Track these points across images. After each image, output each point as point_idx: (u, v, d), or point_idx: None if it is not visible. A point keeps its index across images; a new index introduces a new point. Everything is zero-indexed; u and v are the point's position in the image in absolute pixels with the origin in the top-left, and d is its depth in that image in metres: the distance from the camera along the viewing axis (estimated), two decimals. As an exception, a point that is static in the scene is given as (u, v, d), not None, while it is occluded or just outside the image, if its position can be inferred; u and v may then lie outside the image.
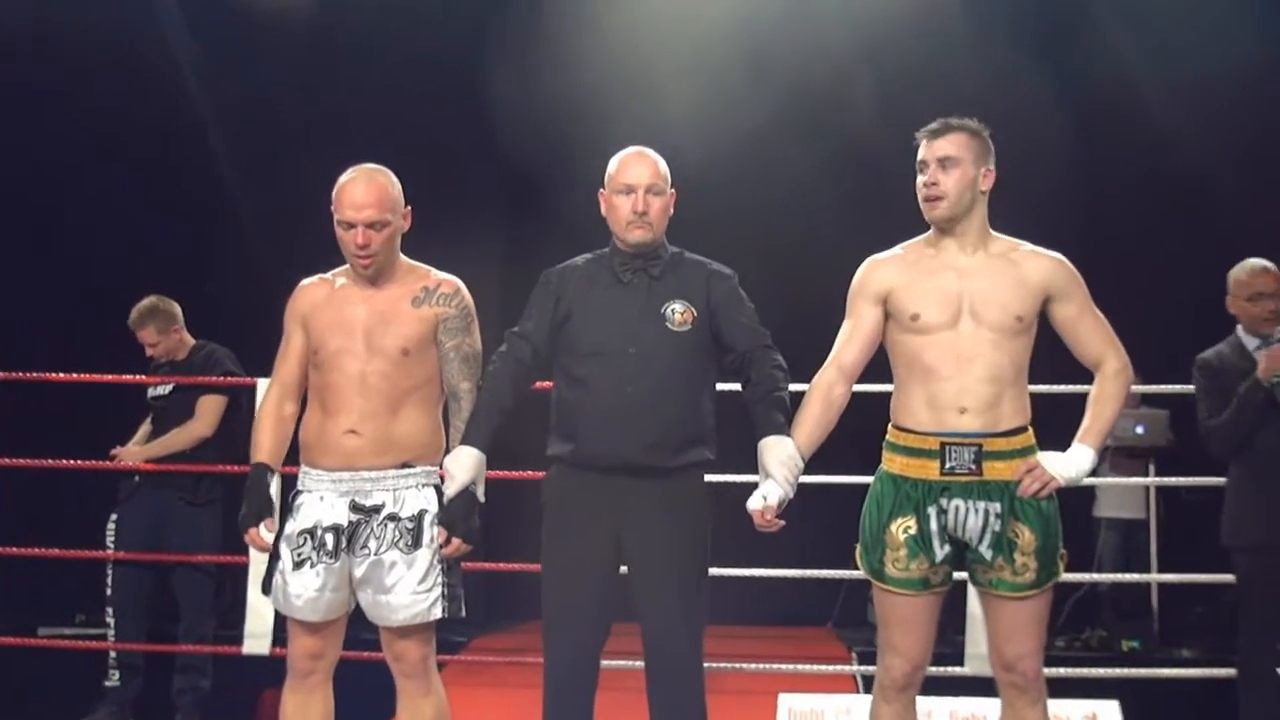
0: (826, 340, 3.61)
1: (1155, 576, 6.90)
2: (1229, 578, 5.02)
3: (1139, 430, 7.21)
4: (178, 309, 5.75)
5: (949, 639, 5.50)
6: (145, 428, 5.83)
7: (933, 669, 3.60)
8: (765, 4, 7.77)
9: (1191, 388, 5.22)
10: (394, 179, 3.65)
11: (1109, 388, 3.49)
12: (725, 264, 3.77)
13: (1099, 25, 7.71)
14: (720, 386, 3.72)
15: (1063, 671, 5.28)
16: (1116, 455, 7.30)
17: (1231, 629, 4.98)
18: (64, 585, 6.60)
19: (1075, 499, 6.92)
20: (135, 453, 5.67)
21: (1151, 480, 7.04)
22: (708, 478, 3.70)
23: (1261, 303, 4.78)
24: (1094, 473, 7.23)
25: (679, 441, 3.57)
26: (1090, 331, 3.50)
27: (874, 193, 7.40)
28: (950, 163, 3.44)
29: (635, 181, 3.63)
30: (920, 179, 3.48)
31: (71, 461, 5.80)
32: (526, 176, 8.18)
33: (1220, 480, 5.06)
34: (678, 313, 3.61)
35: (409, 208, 3.67)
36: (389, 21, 7.75)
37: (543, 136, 7.74)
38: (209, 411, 5.66)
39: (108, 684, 5.59)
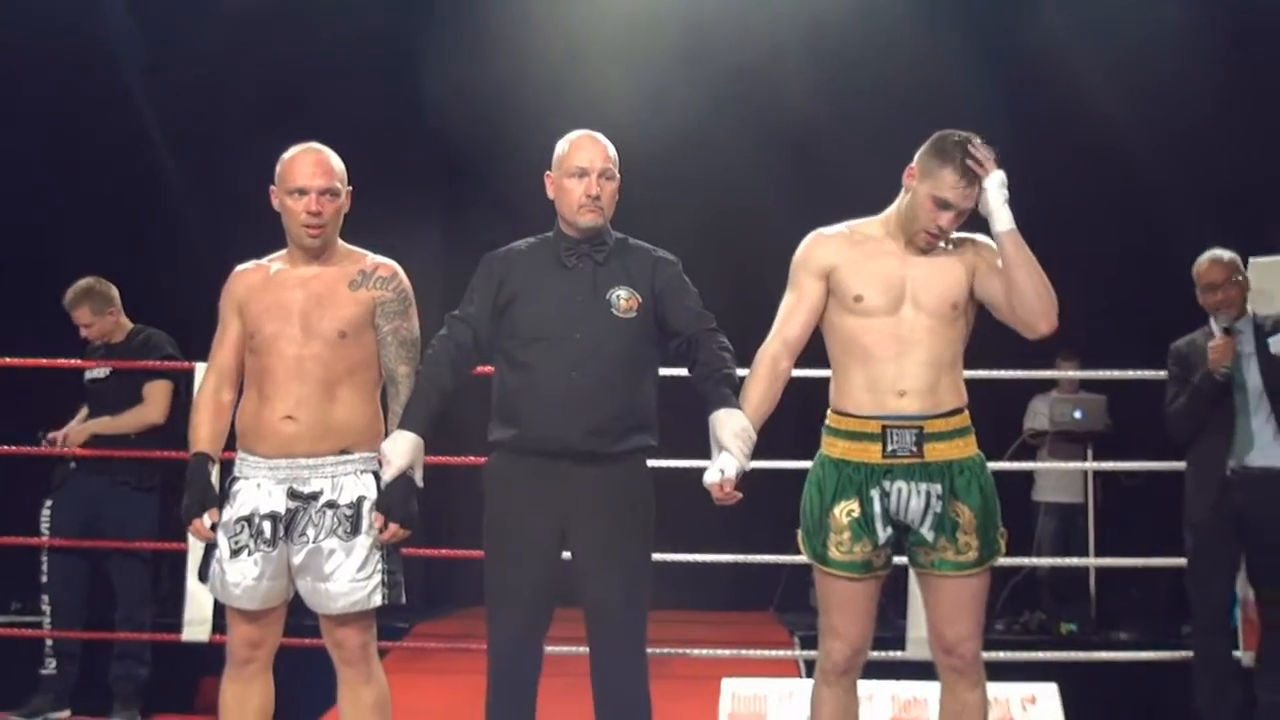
0: (767, 320, 3.60)
1: (1093, 561, 6.97)
2: (1166, 561, 5.09)
3: (1077, 415, 7.27)
4: (115, 291, 5.69)
5: (890, 623, 5.54)
6: (82, 413, 5.76)
7: (874, 653, 3.61)
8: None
9: (1130, 374, 5.30)
10: (338, 156, 3.63)
11: None
12: (665, 247, 3.76)
13: (1037, 6, 7.75)
14: (662, 372, 3.71)
15: (1001, 655, 5.33)
16: (1055, 440, 7.37)
17: (1169, 612, 5.04)
18: (-2, 573, 6.52)
19: (1014, 483, 7.02)
20: (80, 430, 5.59)
21: (1089, 465, 7.11)
22: (650, 463, 3.69)
23: (1209, 294, 4.85)
24: (1033, 458, 7.38)
25: (623, 428, 3.55)
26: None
27: (813, 172, 7.44)
28: (964, 214, 3.41)
29: (588, 165, 3.59)
30: (931, 212, 3.38)
31: (4, 447, 5.73)
32: (464, 160, 8.15)
33: (1156, 465, 5.13)
34: (623, 299, 3.59)
35: (350, 188, 3.65)
36: (326, 2, 7.69)
37: (480, 119, 7.71)
38: (160, 397, 5.62)
39: (44, 672, 5.54)
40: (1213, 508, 4.79)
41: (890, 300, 3.43)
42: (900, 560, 3.54)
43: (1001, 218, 3.35)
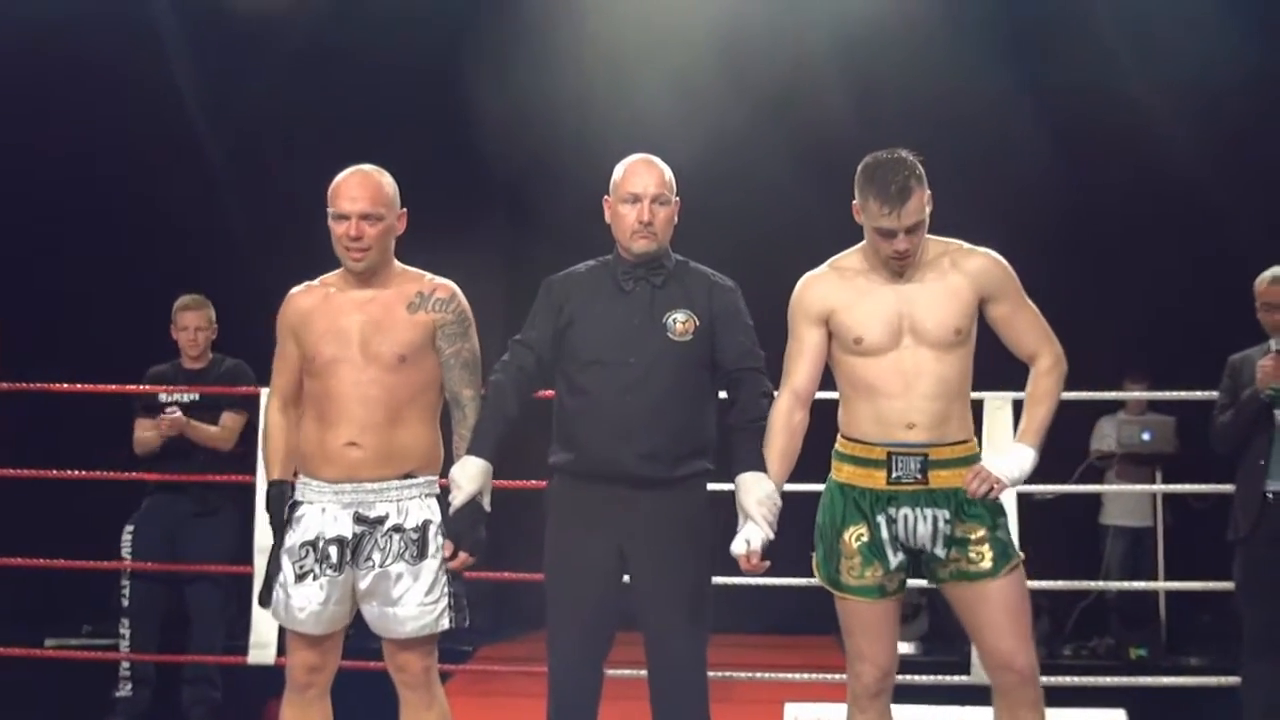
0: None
1: (1162, 585, 6.88)
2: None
3: (1145, 437, 7.20)
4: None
5: (958, 648, 5.49)
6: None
7: (940, 677, 3.59)
8: (744, 10, 7.75)
9: (1199, 394, 5.25)
10: (389, 179, 3.63)
11: (1043, 384, 3.47)
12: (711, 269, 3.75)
13: (1077, 25, 7.64)
14: (723, 395, 3.70)
15: (1070, 680, 5.27)
16: (1123, 463, 7.29)
17: (1241, 637, 4.96)
18: (70, 596, 6.59)
19: (1081, 507, 6.94)
20: (181, 420, 5.60)
21: (1158, 488, 7.02)
22: (709, 486, 3.68)
23: (1267, 313, 4.80)
24: (1101, 480, 7.29)
25: (680, 452, 3.55)
26: (1025, 328, 3.49)
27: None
28: (917, 226, 3.38)
29: (641, 191, 3.60)
30: (885, 245, 3.37)
31: (78, 471, 5.79)
32: (521, 185, 8.18)
33: (1226, 488, 5.06)
34: (679, 322, 3.59)
35: (404, 210, 3.65)
36: (376, 32, 7.73)
37: (535, 144, 7.74)
38: (235, 429, 5.70)
39: (119, 695, 5.59)
40: (1253, 531, 4.73)
41: (889, 336, 3.41)
42: (917, 583, 3.51)
43: (1025, 469, 3.42)
